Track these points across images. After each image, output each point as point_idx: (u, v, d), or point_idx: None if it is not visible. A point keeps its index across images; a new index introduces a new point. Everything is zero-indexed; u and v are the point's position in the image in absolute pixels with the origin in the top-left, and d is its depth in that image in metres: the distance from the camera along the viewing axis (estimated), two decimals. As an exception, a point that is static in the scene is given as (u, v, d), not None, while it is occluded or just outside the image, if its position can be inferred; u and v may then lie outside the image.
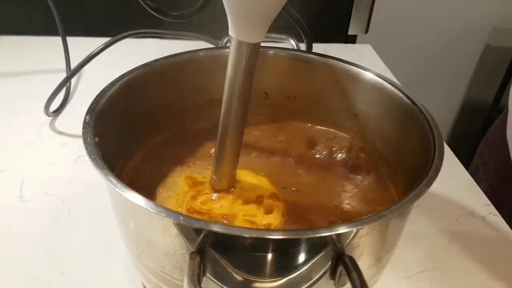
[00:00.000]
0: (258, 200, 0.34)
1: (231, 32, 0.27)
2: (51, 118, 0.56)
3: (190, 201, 0.33)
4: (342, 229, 0.22)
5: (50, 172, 0.48)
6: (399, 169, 0.36)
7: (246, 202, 0.33)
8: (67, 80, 0.54)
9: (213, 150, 0.40)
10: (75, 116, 0.40)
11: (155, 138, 0.40)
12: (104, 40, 0.52)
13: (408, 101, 0.34)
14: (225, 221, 0.31)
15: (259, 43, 0.28)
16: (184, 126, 0.42)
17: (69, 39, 0.62)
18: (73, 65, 0.54)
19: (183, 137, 0.41)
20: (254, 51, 0.28)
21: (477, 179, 0.50)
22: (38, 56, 0.71)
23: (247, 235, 0.22)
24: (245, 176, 0.36)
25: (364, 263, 0.26)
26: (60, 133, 0.54)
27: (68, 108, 0.59)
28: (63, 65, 0.62)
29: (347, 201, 0.35)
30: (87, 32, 0.72)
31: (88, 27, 0.75)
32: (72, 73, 0.53)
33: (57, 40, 0.61)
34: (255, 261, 0.24)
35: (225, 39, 0.53)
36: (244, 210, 0.33)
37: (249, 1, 0.25)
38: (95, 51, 0.52)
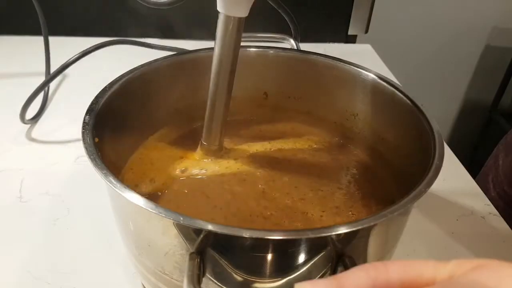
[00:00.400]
0: None
1: (219, 7, 0.31)
2: (51, 117, 0.56)
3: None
4: (342, 229, 0.22)
5: (50, 172, 0.48)
6: (399, 169, 0.36)
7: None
8: (46, 83, 0.53)
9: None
10: (75, 116, 0.40)
11: (155, 138, 0.40)
12: (89, 39, 0.52)
13: (408, 101, 0.34)
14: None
15: (244, 18, 0.32)
16: (184, 126, 0.42)
17: (53, 39, 0.60)
18: (62, 63, 0.52)
19: (183, 137, 0.41)
20: (240, 26, 0.32)
21: (489, 182, 0.50)
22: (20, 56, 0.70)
23: (247, 235, 0.22)
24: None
25: (364, 263, 0.26)
26: (60, 133, 0.54)
27: (68, 107, 0.59)
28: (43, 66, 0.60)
29: (346, 201, 0.35)
30: (70, 32, 0.71)
31: (71, 28, 0.73)
32: (51, 76, 0.52)
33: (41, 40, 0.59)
34: (255, 262, 0.24)
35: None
36: None
37: None
38: (74, 57, 0.51)
